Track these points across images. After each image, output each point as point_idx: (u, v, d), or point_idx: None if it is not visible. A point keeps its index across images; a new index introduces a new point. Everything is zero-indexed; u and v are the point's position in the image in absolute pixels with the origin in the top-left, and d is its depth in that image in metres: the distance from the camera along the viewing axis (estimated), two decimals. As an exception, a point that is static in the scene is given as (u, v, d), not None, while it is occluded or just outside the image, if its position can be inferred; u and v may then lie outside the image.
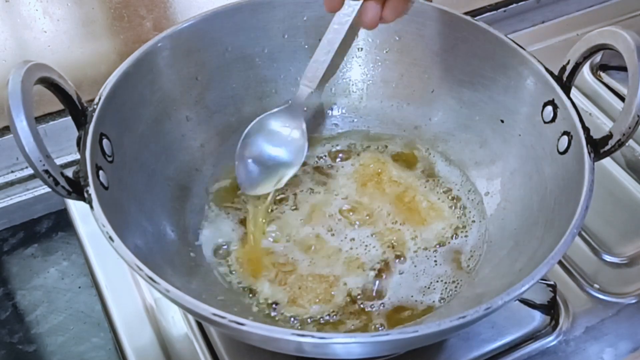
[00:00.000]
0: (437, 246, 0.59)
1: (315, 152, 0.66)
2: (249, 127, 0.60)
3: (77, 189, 0.48)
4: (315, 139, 0.67)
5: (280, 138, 0.60)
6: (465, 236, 0.60)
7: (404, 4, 0.46)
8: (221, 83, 0.64)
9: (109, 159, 0.52)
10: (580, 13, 0.89)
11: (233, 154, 0.64)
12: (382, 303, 0.55)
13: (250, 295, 0.55)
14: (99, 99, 0.53)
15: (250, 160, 0.59)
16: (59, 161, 0.72)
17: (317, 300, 0.55)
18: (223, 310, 0.42)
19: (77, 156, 0.49)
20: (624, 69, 0.51)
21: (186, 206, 0.60)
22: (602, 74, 0.77)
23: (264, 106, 0.66)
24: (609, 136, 0.51)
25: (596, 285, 0.60)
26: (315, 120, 0.68)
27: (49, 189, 0.47)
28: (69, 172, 0.49)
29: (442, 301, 0.55)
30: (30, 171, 0.69)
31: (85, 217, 0.63)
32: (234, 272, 0.57)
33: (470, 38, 0.62)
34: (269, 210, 0.60)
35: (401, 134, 0.67)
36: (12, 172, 0.72)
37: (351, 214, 0.61)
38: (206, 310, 0.43)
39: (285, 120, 0.60)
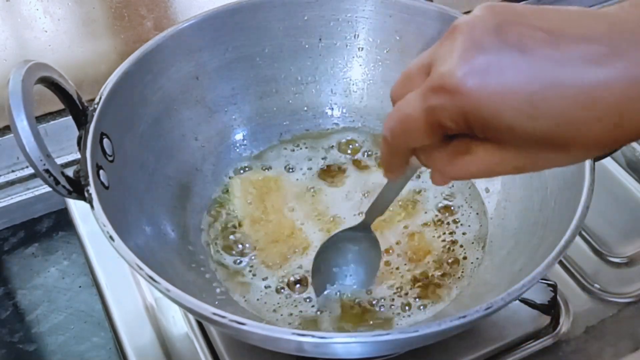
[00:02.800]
0: (437, 246, 0.59)
1: (313, 152, 0.66)
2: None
3: (77, 189, 0.48)
4: (314, 139, 0.67)
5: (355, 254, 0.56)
6: (465, 235, 0.60)
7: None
8: (221, 83, 0.64)
9: (110, 158, 0.52)
10: (581, 13, 0.89)
11: (233, 153, 0.65)
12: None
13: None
14: (100, 98, 0.53)
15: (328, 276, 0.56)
16: (59, 160, 0.72)
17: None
18: (223, 309, 0.42)
19: (78, 156, 0.49)
20: (624, 68, 0.51)
21: (187, 205, 0.60)
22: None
23: (264, 106, 0.66)
24: (610, 136, 0.51)
25: (596, 285, 0.60)
26: (315, 120, 0.68)
27: (49, 189, 0.47)
28: (70, 172, 0.49)
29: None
30: (30, 170, 0.69)
31: (86, 216, 0.63)
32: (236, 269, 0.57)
33: (471, 38, 0.62)
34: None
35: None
36: (13, 171, 0.72)
37: (350, 211, 0.61)
38: (206, 309, 0.43)
39: (356, 237, 0.55)
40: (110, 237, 0.45)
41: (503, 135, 0.32)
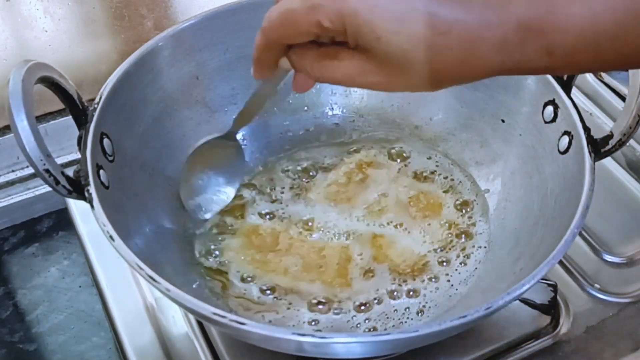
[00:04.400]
0: (436, 245, 0.59)
1: (313, 152, 0.66)
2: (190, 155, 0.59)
3: (77, 188, 0.48)
4: (314, 139, 0.67)
5: (221, 160, 0.60)
6: (465, 236, 0.60)
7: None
8: (222, 83, 0.64)
9: (110, 158, 0.52)
10: (581, 13, 0.89)
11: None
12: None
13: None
14: (100, 98, 0.53)
15: (196, 183, 0.60)
16: (59, 160, 0.72)
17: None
18: (223, 309, 0.43)
19: (78, 155, 0.50)
20: (624, 68, 0.51)
21: (187, 206, 0.60)
22: (603, 74, 0.77)
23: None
24: (610, 136, 0.51)
25: (597, 285, 0.60)
26: (315, 120, 0.68)
27: (49, 188, 0.47)
28: (70, 172, 0.49)
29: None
30: (30, 170, 0.69)
31: (86, 216, 0.63)
32: (233, 266, 0.57)
33: (471, 38, 0.62)
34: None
35: (402, 133, 0.67)
36: (13, 171, 0.73)
37: (348, 210, 0.61)
38: (207, 309, 0.43)
39: (223, 145, 0.60)
40: (110, 237, 0.45)
41: (371, 43, 0.36)
